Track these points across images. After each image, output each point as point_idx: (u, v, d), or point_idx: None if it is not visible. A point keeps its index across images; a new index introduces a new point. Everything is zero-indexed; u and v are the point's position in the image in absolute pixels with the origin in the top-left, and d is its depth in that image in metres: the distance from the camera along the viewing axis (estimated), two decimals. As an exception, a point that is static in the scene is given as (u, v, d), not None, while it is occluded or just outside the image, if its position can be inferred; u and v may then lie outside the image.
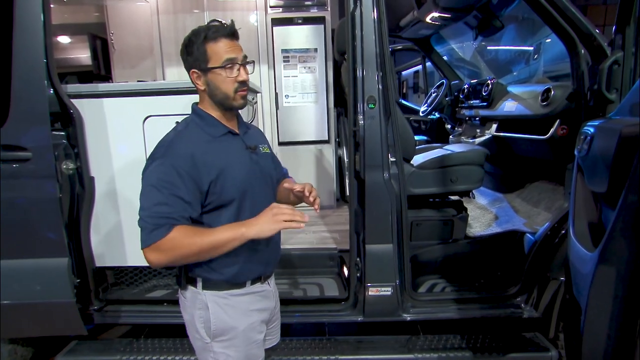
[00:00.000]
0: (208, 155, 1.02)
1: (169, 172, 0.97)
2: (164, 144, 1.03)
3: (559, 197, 2.19)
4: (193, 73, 1.06)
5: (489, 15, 2.43)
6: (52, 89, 1.65)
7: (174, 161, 0.98)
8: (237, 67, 1.03)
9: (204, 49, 1.02)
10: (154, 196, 0.97)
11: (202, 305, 1.08)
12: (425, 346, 1.83)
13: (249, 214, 1.05)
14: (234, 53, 1.03)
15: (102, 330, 2.18)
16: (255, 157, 1.13)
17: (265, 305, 1.18)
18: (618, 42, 1.52)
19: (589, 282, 1.05)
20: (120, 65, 3.21)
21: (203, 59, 1.03)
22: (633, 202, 0.92)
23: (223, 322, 1.08)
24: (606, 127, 1.15)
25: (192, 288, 1.09)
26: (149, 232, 0.95)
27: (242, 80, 1.04)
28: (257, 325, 1.14)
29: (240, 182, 1.05)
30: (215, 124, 1.08)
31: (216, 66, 1.02)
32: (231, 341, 1.09)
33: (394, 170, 1.75)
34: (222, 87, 1.04)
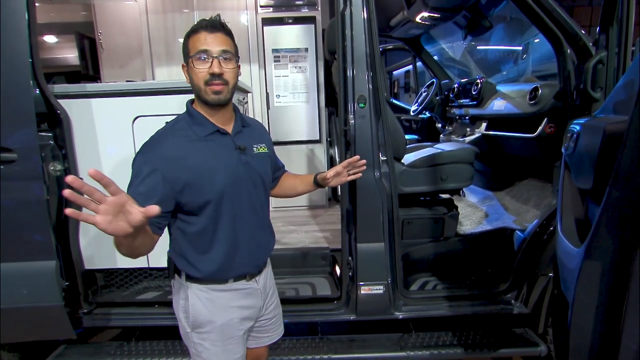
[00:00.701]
0: (188, 158, 1.01)
1: (144, 169, 0.98)
2: (151, 139, 1.05)
3: (547, 194, 2.23)
4: (183, 67, 1.08)
5: (477, 15, 2.46)
6: (38, 89, 1.63)
7: (149, 158, 0.99)
8: (210, 59, 1.00)
9: (187, 42, 1.04)
10: (129, 189, 0.98)
11: (184, 295, 1.11)
12: (417, 344, 1.84)
13: (229, 215, 1.07)
14: (208, 45, 1.01)
15: (92, 333, 2.15)
16: (245, 158, 1.10)
17: (249, 303, 1.17)
18: (602, 42, 1.55)
19: (576, 277, 1.06)
20: (109, 65, 3.17)
21: (185, 52, 1.04)
22: (617, 197, 0.94)
23: (201, 315, 1.10)
24: (591, 124, 1.17)
25: (178, 278, 1.13)
26: None
27: (213, 73, 1.00)
28: (237, 322, 1.15)
29: (219, 184, 1.04)
30: (202, 122, 1.06)
31: (189, 55, 1.02)
32: (208, 334, 1.12)
33: (385, 169, 1.76)
34: (194, 78, 1.03)
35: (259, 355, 1.40)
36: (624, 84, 1.06)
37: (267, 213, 1.23)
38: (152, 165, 0.98)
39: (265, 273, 1.25)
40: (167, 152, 1.00)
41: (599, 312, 0.99)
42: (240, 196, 1.09)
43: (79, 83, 2.46)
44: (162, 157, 0.99)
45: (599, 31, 1.56)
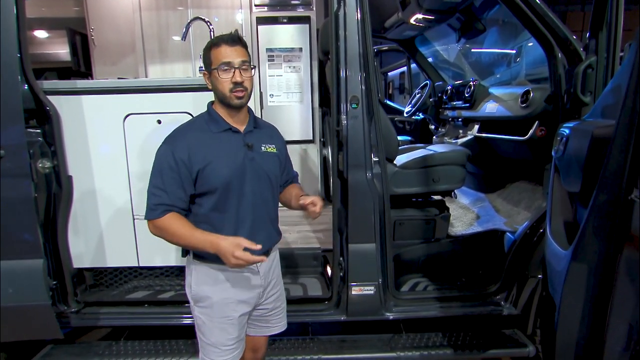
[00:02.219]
0: (202, 147, 1.19)
1: (169, 158, 1.17)
2: (174, 131, 1.23)
3: (538, 196, 2.25)
4: (204, 74, 1.25)
5: (471, 18, 2.47)
6: (26, 85, 1.60)
7: (174, 148, 1.17)
8: (233, 70, 1.17)
9: (209, 54, 1.21)
10: (156, 177, 1.18)
11: (190, 271, 1.28)
12: (407, 344, 1.85)
13: (235, 204, 1.22)
14: (230, 57, 1.17)
15: (81, 333, 2.13)
16: (252, 155, 1.25)
17: (247, 286, 1.29)
18: (592, 47, 1.57)
19: (563, 279, 1.08)
20: (101, 62, 3.13)
21: (207, 63, 1.22)
22: (603, 201, 0.95)
23: (200, 290, 1.26)
24: (580, 128, 1.19)
25: (188, 256, 1.29)
26: (149, 209, 1.19)
27: (235, 82, 1.17)
28: (232, 302, 1.27)
29: (225, 174, 1.19)
30: (218, 120, 1.24)
31: (214, 67, 1.19)
32: (205, 309, 1.26)
33: (377, 170, 1.76)
34: (219, 87, 1.20)
35: (257, 344, 1.48)
36: (612, 89, 1.07)
37: (273, 209, 1.35)
38: (177, 155, 1.16)
39: (269, 262, 1.34)
40: (187, 143, 1.18)
41: (585, 313, 1.01)
42: (244, 188, 1.23)
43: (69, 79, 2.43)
44: (184, 147, 1.17)
45: (589, 36, 1.58)
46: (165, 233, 1.19)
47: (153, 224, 1.19)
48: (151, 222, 1.20)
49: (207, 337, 1.28)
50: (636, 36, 0.88)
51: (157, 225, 1.19)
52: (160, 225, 1.18)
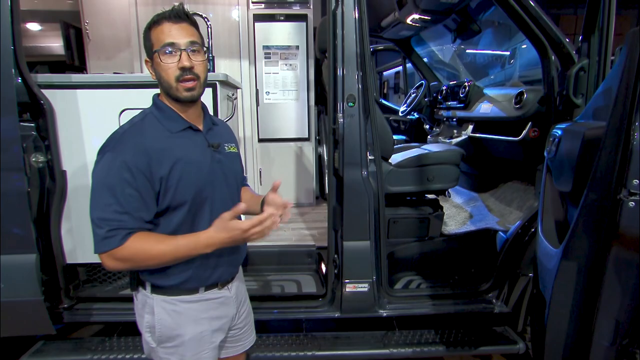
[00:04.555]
0: (163, 152, 0.95)
1: (121, 169, 0.90)
2: (115, 136, 0.95)
3: (530, 196, 2.28)
4: (146, 62, 1.01)
5: (467, 19, 2.49)
6: (20, 78, 1.59)
7: (125, 157, 0.91)
8: (179, 53, 0.94)
9: (149, 35, 0.97)
10: (106, 197, 0.91)
11: (150, 309, 1.03)
12: (400, 341, 1.87)
13: (208, 218, 1.00)
14: (175, 37, 0.94)
15: (73, 329, 2.11)
16: (218, 157, 1.05)
17: (221, 313, 1.10)
18: (584, 50, 1.60)
19: (554, 276, 1.10)
20: (96, 56, 3.09)
21: (148, 45, 0.97)
22: (593, 200, 0.98)
23: (168, 329, 1.02)
24: (571, 130, 1.21)
25: (142, 290, 1.04)
26: (102, 238, 0.90)
27: (183, 67, 0.94)
28: (208, 334, 1.07)
29: (196, 183, 0.98)
30: (174, 117, 1.01)
31: (155, 50, 0.95)
32: (176, 348, 1.04)
33: (372, 169, 1.78)
34: (163, 74, 0.96)
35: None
36: (603, 92, 1.10)
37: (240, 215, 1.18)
38: (132, 163, 0.91)
39: (237, 280, 1.17)
40: (144, 147, 0.93)
41: (574, 310, 1.03)
42: (215, 196, 1.03)
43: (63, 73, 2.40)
44: (139, 153, 0.92)
45: (581, 39, 1.61)
46: (135, 260, 0.92)
47: (112, 256, 0.91)
48: (109, 254, 0.91)
49: None
50: (626, 40, 0.90)
51: (119, 255, 0.91)
52: (124, 254, 0.91)
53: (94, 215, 0.92)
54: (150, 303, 1.03)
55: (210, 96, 1.81)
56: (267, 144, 3.15)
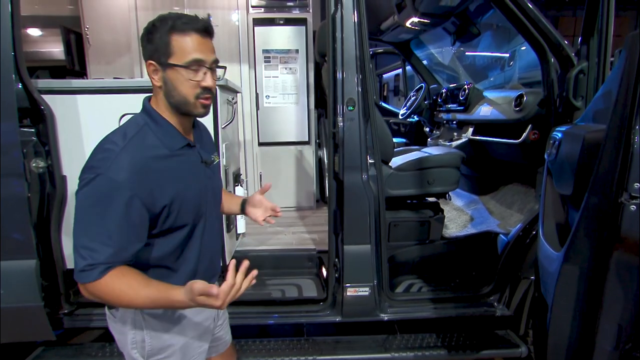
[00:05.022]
0: (164, 175, 0.88)
1: (118, 197, 0.82)
2: (110, 154, 0.84)
3: (530, 199, 2.28)
4: (150, 65, 0.90)
5: (466, 22, 2.50)
6: (20, 84, 1.59)
7: (124, 183, 0.82)
8: (204, 71, 0.89)
9: (168, 40, 0.87)
10: (95, 225, 0.83)
11: (136, 324, 0.97)
12: (402, 345, 1.86)
13: (199, 238, 0.99)
14: (203, 54, 0.88)
15: (73, 335, 2.10)
16: (209, 172, 1.03)
17: (204, 316, 1.09)
18: (583, 52, 1.60)
19: (555, 280, 1.10)
20: (96, 61, 3.10)
21: (164, 52, 0.87)
22: (595, 204, 0.97)
23: (159, 341, 0.99)
24: (572, 132, 1.21)
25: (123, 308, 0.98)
26: (81, 270, 0.83)
27: (206, 87, 0.90)
28: (196, 340, 1.06)
29: (195, 206, 0.96)
30: (173, 133, 0.93)
31: (178, 64, 0.87)
32: (167, 359, 1.02)
33: (373, 172, 1.78)
34: (181, 89, 0.89)
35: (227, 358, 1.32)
36: (603, 94, 1.10)
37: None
38: (133, 191, 0.83)
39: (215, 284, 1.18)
40: (144, 172, 0.85)
41: (576, 313, 1.03)
42: (208, 213, 1.02)
43: (64, 78, 2.41)
44: (140, 180, 0.84)
45: (580, 42, 1.61)
46: (105, 299, 0.86)
47: (86, 289, 0.86)
48: (84, 285, 0.85)
49: None
50: (626, 43, 0.90)
51: (91, 290, 0.85)
52: (95, 290, 0.84)
53: (78, 242, 0.84)
54: (135, 318, 0.97)
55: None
56: (267, 148, 3.15)
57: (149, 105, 0.94)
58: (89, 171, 0.84)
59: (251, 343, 1.87)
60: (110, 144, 0.87)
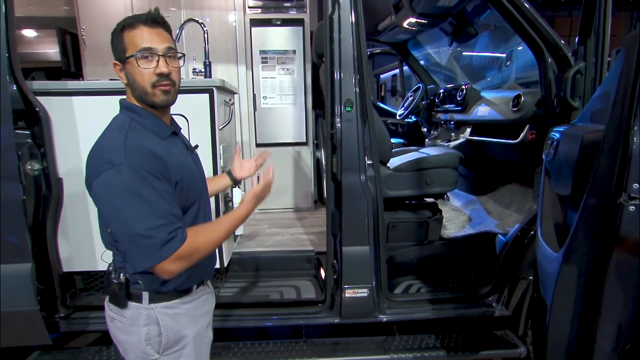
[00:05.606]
0: (167, 156, 0.94)
1: (146, 176, 0.88)
2: (117, 145, 0.90)
3: (528, 199, 2.28)
4: (115, 65, 0.98)
5: (463, 23, 2.50)
6: (15, 85, 1.57)
7: (143, 162, 0.88)
8: (157, 59, 0.94)
9: (122, 38, 0.94)
10: (143, 207, 0.87)
11: (149, 320, 1.00)
12: (400, 346, 1.86)
13: (202, 217, 1.06)
14: (152, 43, 0.93)
15: (70, 338, 2.08)
16: (195, 157, 1.11)
17: (209, 307, 1.16)
18: (580, 52, 1.60)
19: (554, 280, 1.10)
20: (92, 62, 3.09)
21: (121, 49, 0.95)
22: (593, 204, 0.97)
23: (175, 333, 1.03)
24: (570, 133, 1.21)
25: (135, 304, 1.00)
26: (163, 244, 0.88)
27: (161, 73, 0.94)
28: (204, 329, 1.12)
29: (197, 183, 1.04)
30: (159, 123, 0.99)
31: (130, 55, 0.93)
32: (182, 350, 1.05)
33: (371, 173, 1.77)
34: (138, 79, 0.94)
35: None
36: (601, 95, 1.10)
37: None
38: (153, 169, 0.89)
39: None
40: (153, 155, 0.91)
41: (576, 314, 1.02)
42: (203, 194, 1.10)
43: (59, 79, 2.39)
44: (156, 159, 0.90)
45: (577, 42, 1.61)
46: (198, 252, 0.93)
47: (177, 257, 0.89)
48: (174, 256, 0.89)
49: None
50: (624, 44, 0.90)
51: (184, 253, 0.90)
52: (187, 250, 0.91)
53: (139, 229, 0.86)
54: (149, 314, 1.00)
55: (207, 102, 1.81)
56: (264, 149, 3.14)
57: (128, 103, 0.99)
58: (108, 165, 0.87)
59: (249, 345, 1.86)
60: (111, 140, 0.92)
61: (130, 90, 0.98)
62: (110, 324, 1.05)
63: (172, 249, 0.88)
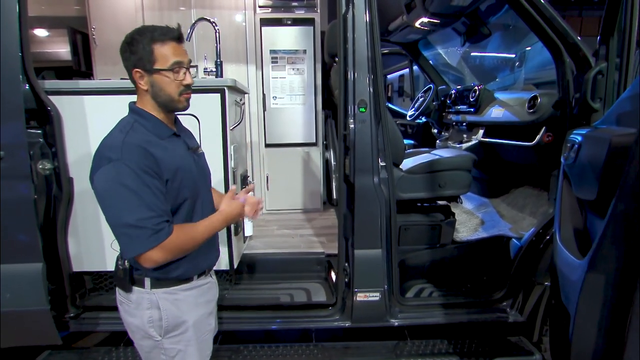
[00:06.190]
0: (163, 156, 1.03)
1: (138, 173, 0.97)
2: (116, 144, 0.99)
3: (543, 202, 2.23)
4: (136, 72, 1.05)
5: (477, 22, 2.46)
6: (27, 85, 1.57)
7: (138, 161, 0.97)
8: (183, 71, 1.07)
9: (150, 50, 1.03)
10: (133, 200, 0.96)
11: (151, 304, 1.09)
12: (412, 351, 1.83)
13: (200, 215, 1.13)
14: (181, 57, 1.06)
15: (77, 338, 2.08)
16: (197, 158, 1.18)
17: (210, 297, 1.23)
18: (602, 52, 1.55)
19: (578, 289, 1.05)
20: (102, 61, 3.09)
21: (148, 60, 1.04)
22: (622, 210, 0.93)
23: (175, 318, 1.10)
24: (594, 136, 1.17)
25: (139, 289, 1.09)
26: (150, 234, 0.97)
27: (188, 84, 1.08)
28: (205, 317, 1.18)
29: (192, 182, 1.11)
30: (160, 125, 1.09)
31: (163, 68, 1.04)
32: (182, 335, 1.12)
33: (384, 175, 1.74)
34: (167, 89, 1.06)
35: None
36: (630, 97, 1.05)
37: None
38: (145, 166, 0.98)
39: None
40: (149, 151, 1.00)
41: (602, 324, 0.98)
42: (204, 195, 1.18)
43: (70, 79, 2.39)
44: (148, 156, 0.99)
45: (599, 42, 1.56)
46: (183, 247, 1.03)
47: (163, 248, 0.98)
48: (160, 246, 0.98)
49: None
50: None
51: (170, 246, 0.99)
52: (174, 243, 1.00)
53: (128, 219, 0.96)
54: (151, 298, 1.09)
55: (219, 102, 1.79)
56: (274, 149, 3.13)
57: (136, 107, 1.10)
58: (104, 161, 0.97)
59: (259, 348, 1.84)
60: (112, 139, 1.02)
61: (151, 97, 1.07)
62: (120, 307, 1.15)
63: (159, 240, 0.97)
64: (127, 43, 1.04)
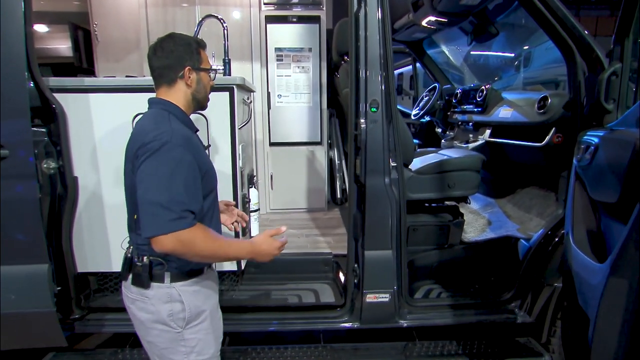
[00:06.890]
0: (197, 147, 1.13)
1: (191, 163, 1.04)
2: (166, 128, 1.05)
3: (550, 203, 2.23)
4: (189, 70, 1.16)
5: (484, 21, 2.44)
6: (32, 82, 1.53)
7: (192, 151, 1.06)
8: (214, 75, 1.25)
9: (199, 52, 1.19)
10: (178, 183, 1.01)
11: (171, 298, 1.12)
12: (422, 353, 1.82)
13: (216, 205, 1.24)
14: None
15: (81, 339, 2.05)
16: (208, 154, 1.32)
17: (216, 286, 1.30)
18: (617, 53, 1.53)
19: (599, 293, 1.05)
20: (104, 58, 3.04)
21: (199, 60, 1.19)
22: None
23: (196, 307, 1.15)
24: (614, 138, 1.16)
25: (157, 284, 1.11)
26: (173, 219, 0.99)
27: (212, 86, 1.25)
28: (216, 305, 1.27)
29: (214, 178, 1.21)
30: (189, 121, 1.20)
31: (208, 68, 1.22)
32: (202, 324, 1.17)
33: (394, 175, 1.72)
34: (206, 88, 1.22)
35: None
36: (653, 99, 1.04)
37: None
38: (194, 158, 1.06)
39: None
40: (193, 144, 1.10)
41: (625, 330, 0.97)
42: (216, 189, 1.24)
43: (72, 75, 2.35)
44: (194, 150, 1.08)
45: (613, 42, 1.54)
46: (194, 246, 1.01)
47: (178, 237, 0.99)
48: (176, 234, 0.98)
49: (206, 352, 1.18)
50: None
51: (185, 237, 0.99)
52: (189, 237, 1.00)
53: (162, 198, 0.99)
54: (171, 292, 1.12)
55: (227, 100, 1.76)
56: (278, 148, 3.10)
57: (167, 101, 1.16)
58: (157, 142, 1.02)
59: (267, 350, 1.83)
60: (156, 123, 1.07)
61: (194, 93, 1.19)
62: (130, 306, 1.16)
63: (179, 227, 0.99)
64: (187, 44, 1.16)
